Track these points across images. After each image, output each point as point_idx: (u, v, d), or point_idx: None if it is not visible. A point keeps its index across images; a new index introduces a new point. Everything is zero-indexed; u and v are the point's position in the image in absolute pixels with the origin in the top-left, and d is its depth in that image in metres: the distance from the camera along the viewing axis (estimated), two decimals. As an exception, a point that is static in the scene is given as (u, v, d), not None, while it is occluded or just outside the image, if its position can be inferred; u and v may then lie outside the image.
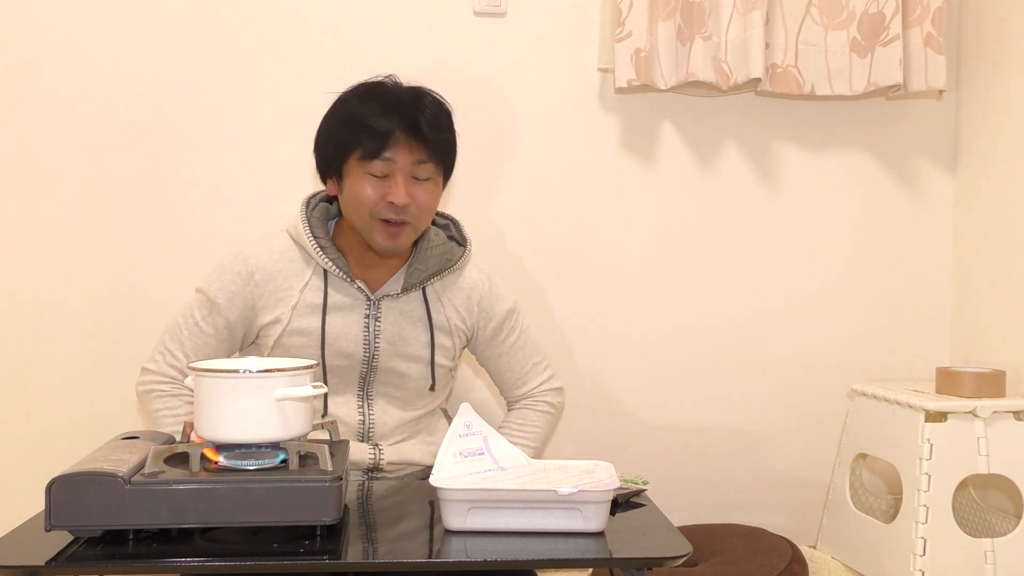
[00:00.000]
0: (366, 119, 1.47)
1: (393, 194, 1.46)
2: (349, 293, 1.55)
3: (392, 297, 1.56)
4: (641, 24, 1.98)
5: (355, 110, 1.49)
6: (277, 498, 1.08)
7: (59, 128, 2.00)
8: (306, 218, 1.55)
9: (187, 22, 2.02)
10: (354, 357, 1.55)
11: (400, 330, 1.57)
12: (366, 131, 1.46)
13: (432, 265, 1.57)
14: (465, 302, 1.63)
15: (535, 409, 1.70)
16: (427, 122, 1.47)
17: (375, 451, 1.57)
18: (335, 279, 1.54)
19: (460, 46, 2.08)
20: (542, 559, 1.08)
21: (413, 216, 1.49)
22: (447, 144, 1.53)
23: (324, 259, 1.52)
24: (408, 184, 1.48)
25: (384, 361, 1.56)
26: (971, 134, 2.19)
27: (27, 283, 2.00)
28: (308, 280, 1.54)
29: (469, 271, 1.65)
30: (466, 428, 1.28)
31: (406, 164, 1.47)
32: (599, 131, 2.14)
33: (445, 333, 1.61)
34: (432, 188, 1.52)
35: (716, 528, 2.07)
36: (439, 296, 1.61)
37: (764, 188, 2.19)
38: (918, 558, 1.76)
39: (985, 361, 2.11)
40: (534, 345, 1.71)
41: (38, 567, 1.03)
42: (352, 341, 1.54)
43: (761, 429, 2.22)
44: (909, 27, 2.05)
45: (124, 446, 1.20)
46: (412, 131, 1.46)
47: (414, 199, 1.49)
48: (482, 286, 1.64)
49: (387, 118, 1.46)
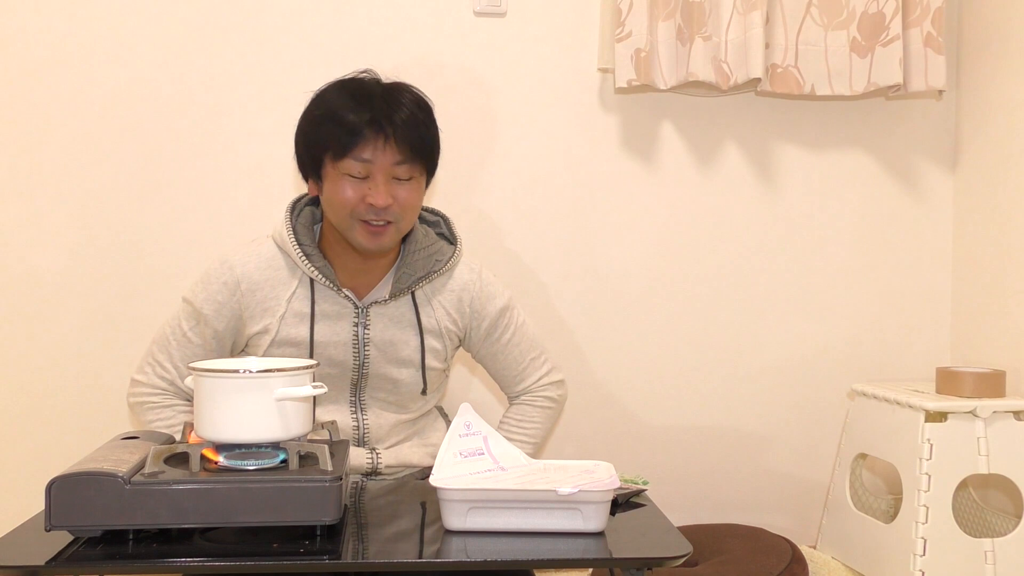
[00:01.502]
0: (335, 114, 1.43)
1: (373, 195, 1.43)
2: (336, 301, 1.52)
3: (380, 304, 1.53)
4: (641, 24, 1.98)
5: (326, 106, 1.45)
6: (277, 498, 1.08)
7: (58, 129, 2.00)
8: (291, 225, 1.51)
9: (186, 23, 2.02)
10: (344, 365, 1.53)
11: (390, 336, 1.54)
12: (336, 127, 1.42)
13: (420, 268, 1.54)
14: (456, 304, 1.59)
15: (534, 405, 1.68)
16: (403, 121, 1.43)
17: (372, 455, 1.57)
18: (322, 287, 1.51)
19: (460, 46, 2.08)
20: (542, 559, 1.08)
21: (396, 216, 1.46)
22: (426, 142, 1.47)
23: (310, 268, 1.48)
24: (389, 185, 1.44)
25: (375, 368, 1.54)
26: (971, 134, 2.19)
27: (27, 283, 2.00)
28: (294, 290, 1.51)
29: (460, 271, 1.61)
30: (466, 428, 1.28)
31: (385, 165, 1.43)
32: (599, 131, 2.14)
33: (436, 336, 1.58)
34: (414, 187, 1.48)
35: (716, 528, 2.07)
36: (429, 299, 1.58)
37: (764, 188, 2.19)
38: (918, 558, 1.76)
39: (985, 361, 2.11)
40: (531, 340, 1.67)
41: (38, 567, 1.03)
42: (342, 350, 1.52)
43: (761, 429, 2.22)
44: (909, 27, 2.05)
45: (124, 446, 1.20)
46: (386, 131, 1.42)
47: (396, 199, 1.45)
48: (473, 286, 1.60)
49: (356, 114, 1.41)
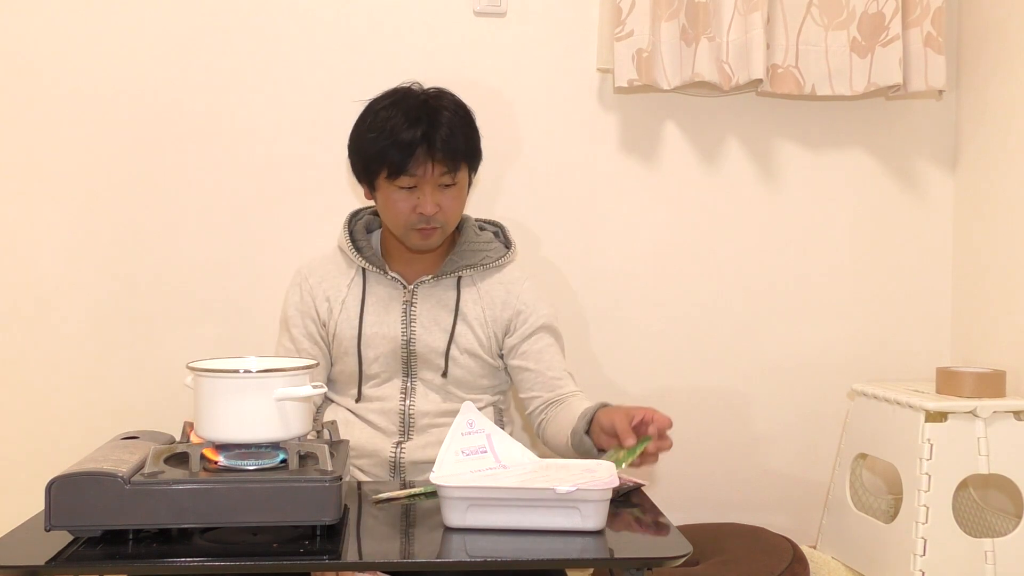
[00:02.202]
0: (389, 134, 1.56)
1: (422, 206, 1.58)
2: (386, 283, 1.67)
3: (428, 283, 1.66)
4: (643, 24, 1.98)
5: (380, 126, 1.58)
6: (277, 498, 1.08)
7: (58, 129, 2.00)
8: (348, 229, 1.72)
9: (186, 23, 2.01)
10: (395, 341, 1.64)
11: (434, 314, 1.65)
12: (391, 148, 1.56)
13: (468, 257, 1.68)
14: (504, 296, 1.68)
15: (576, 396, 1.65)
16: (448, 135, 1.57)
17: (396, 449, 1.60)
18: (373, 274, 1.68)
19: (460, 46, 2.08)
20: (542, 558, 1.07)
21: (441, 222, 1.61)
22: (468, 149, 1.62)
23: (360, 259, 1.67)
24: (435, 194, 1.59)
25: (421, 345, 1.64)
26: (971, 134, 2.19)
27: (27, 283, 2.00)
28: (352, 279, 1.69)
29: (511, 269, 1.72)
30: (468, 426, 1.28)
31: (431, 177, 1.58)
32: (599, 131, 2.14)
33: (472, 323, 1.65)
34: (457, 192, 1.62)
35: (716, 528, 2.06)
36: (474, 285, 1.68)
37: (764, 188, 2.19)
38: (918, 558, 1.76)
39: (985, 361, 2.11)
40: (565, 364, 1.71)
41: (38, 567, 1.03)
42: (391, 325, 1.64)
43: (761, 429, 2.22)
44: (909, 27, 2.05)
45: (124, 446, 1.20)
46: (435, 149, 1.56)
47: (441, 206, 1.60)
48: (523, 283, 1.71)
49: (409, 133, 1.55)
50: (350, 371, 1.67)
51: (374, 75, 1.94)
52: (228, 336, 2.05)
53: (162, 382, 2.02)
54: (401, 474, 1.60)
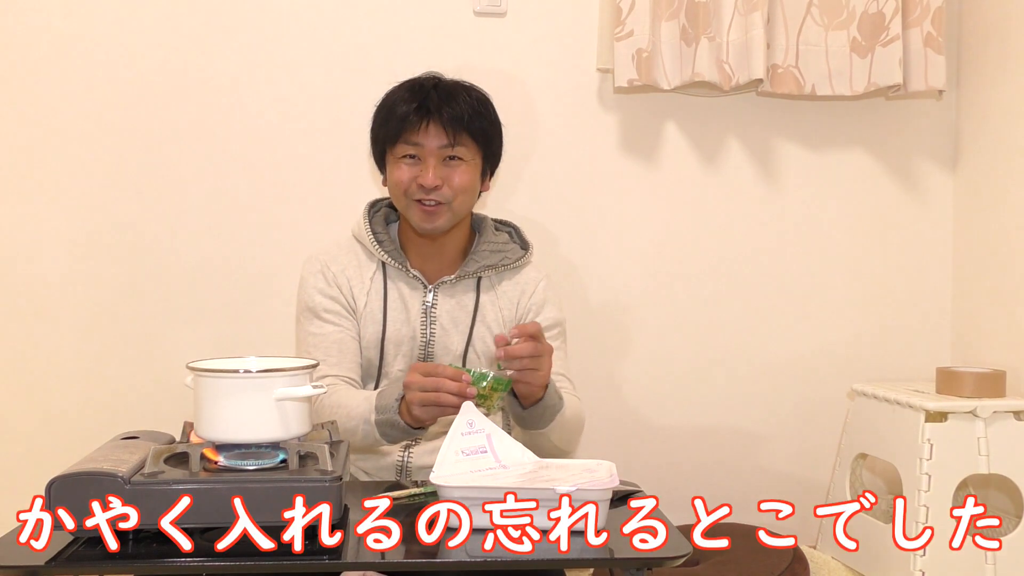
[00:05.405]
0: (391, 107, 1.58)
1: (423, 176, 1.55)
2: (407, 281, 1.64)
3: (448, 284, 1.64)
4: (643, 24, 1.98)
5: (385, 102, 1.61)
6: (277, 498, 1.08)
7: (59, 129, 2.00)
8: (367, 219, 1.67)
9: (187, 24, 2.01)
10: (414, 341, 1.63)
11: (454, 314, 1.64)
12: (390, 117, 1.57)
13: (488, 258, 1.66)
14: (519, 296, 1.68)
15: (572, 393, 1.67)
16: (450, 106, 1.55)
17: (404, 453, 1.59)
18: (393, 270, 1.64)
19: (460, 46, 2.08)
20: (541, 558, 1.07)
21: (447, 197, 1.57)
22: (475, 126, 1.58)
23: (380, 252, 1.63)
24: (439, 167, 1.56)
25: (440, 344, 1.63)
26: (971, 134, 2.19)
27: (27, 283, 2.00)
28: (373, 272, 1.65)
29: (528, 271, 1.71)
30: (468, 426, 1.28)
31: (432, 147, 1.55)
32: (599, 131, 2.14)
33: (497, 325, 1.65)
34: (466, 170, 1.58)
35: (716, 528, 2.06)
36: (493, 287, 1.67)
37: (764, 188, 2.19)
38: (918, 558, 1.76)
39: (985, 361, 2.11)
40: (566, 365, 1.71)
41: (38, 567, 1.03)
42: (411, 324, 1.63)
43: (761, 429, 2.22)
44: (909, 27, 2.05)
45: (124, 446, 1.20)
46: (432, 115, 1.54)
47: (447, 181, 1.56)
48: (538, 283, 1.70)
49: (407, 104, 1.56)
50: (366, 368, 1.64)
51: (374, 75, 1.94)
52: (228, 336, 2.04)
53: (162, 382, 2.02)
54: (408, 478, 1.59)
